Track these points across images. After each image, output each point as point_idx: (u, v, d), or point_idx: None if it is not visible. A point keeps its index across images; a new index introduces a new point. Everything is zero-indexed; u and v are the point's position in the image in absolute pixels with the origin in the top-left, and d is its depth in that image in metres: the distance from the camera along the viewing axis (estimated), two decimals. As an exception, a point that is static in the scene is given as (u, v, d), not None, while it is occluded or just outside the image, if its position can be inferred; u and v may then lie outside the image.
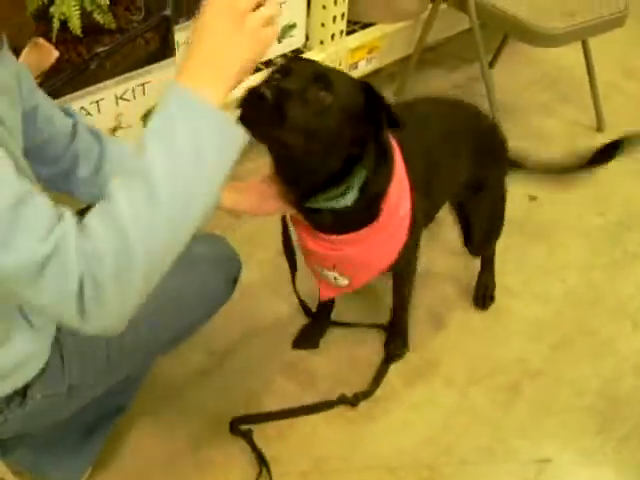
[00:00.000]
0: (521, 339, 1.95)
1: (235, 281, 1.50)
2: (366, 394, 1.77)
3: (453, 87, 2.85)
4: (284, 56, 2.33)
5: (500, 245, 2.02)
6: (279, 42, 2.31)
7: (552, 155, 2.32)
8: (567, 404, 1.81)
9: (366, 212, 1.43)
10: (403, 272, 1.73)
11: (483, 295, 2.02)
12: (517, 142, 2.46)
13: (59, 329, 1.21)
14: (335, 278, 1.57)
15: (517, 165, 1.89)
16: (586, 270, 2.15)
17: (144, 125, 1.94)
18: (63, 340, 1.22)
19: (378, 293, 1.98)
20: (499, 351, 1.92)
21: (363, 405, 1.76)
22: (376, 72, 2.64)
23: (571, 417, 1.78)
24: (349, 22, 2.45)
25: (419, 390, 1.81)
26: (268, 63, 2.28)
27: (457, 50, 2.97)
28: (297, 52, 2.38)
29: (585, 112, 2.73)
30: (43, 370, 1.19)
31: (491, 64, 2.93)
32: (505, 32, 2.79)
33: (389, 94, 2.77)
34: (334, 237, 1.45)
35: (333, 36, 2.37)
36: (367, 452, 1.68)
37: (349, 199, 1.36)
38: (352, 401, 1.75)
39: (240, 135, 0.97)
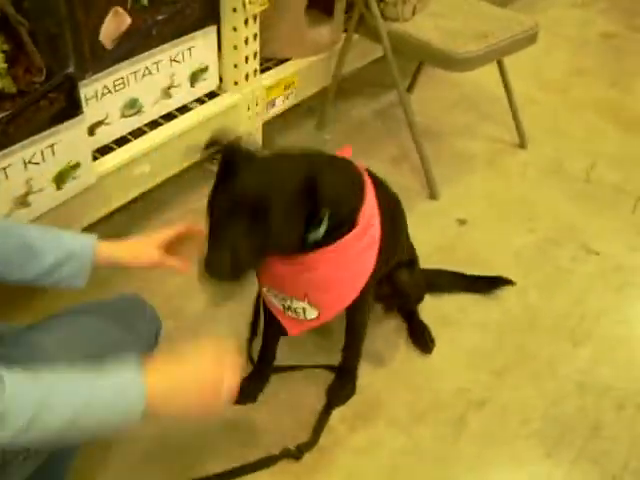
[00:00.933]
0: (462, 369, 1.93)
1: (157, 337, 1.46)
2: (309, 445, 1.72)
3: (374, 114, 2.85)
4: (198, 101, 2.29)
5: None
6: (192, 87, 2.27)
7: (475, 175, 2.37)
8: (514, 432, 1.79)
9: (339, 232, 1.45)
10: (360, 308, 1.68)
11: (424, 340, 1.99)
12: (442, 167, 2.51)
13: None
14: (304, 310, 1.55)
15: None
16: (521, 291, 2.14)
17: (57, 188, 1.89)
18: None
19: (317, 336, 1.94)
20: (441, 384, 1.89)
21: (308, 457, 1.70)
22: (295, 107, 2.61)
23: (519, 444, 1.77)
24: (263, 60, 2.43)
25: (363, 434, 1.77)
26: (182, 109, 2.24)
27: (375, 77, 2.97)
28: (211, 95, 2.33)
29: (507, 130, 2.76)
30: None
31: (409, 88, 2.95)
32: (420, 59, 2.80)
33: (310, 129, 2.75)
34: (308, 256, 1.44)
35: (247, 76, 2.32)
36: (315, 506, 1.63)
37: (320, 232, 1.40)
38: (295, 454, 1.69)
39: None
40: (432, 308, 2.04)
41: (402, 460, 1.72)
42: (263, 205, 1.29)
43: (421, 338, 1.99)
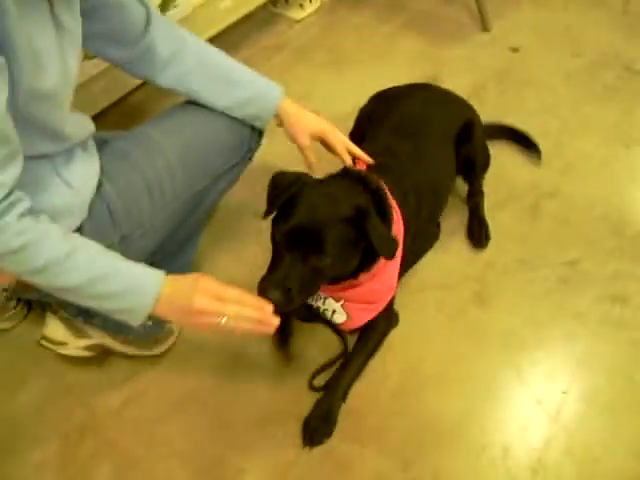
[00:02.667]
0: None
1: (250, 149, 1.66)
2: None
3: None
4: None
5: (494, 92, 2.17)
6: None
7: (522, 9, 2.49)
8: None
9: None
10: (387, 317, 1.74)
11: (480, 235, 2.00)
12: (490, 3, 2.63)
13: (100, 185, 1.40)
14: (333, 312, 1.65)
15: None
16: (575, 105, 2.37)
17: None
18: (106, 194, 1.40)
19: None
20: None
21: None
22: None
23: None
24: None
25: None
26: None
27: None
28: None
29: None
30: (93, 222, 1.38)
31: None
32: None
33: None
34: (333, 287, 1.58)
35: None
36: None
37: None
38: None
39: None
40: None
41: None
42: (318, 237, 1.40)
43: (477, 233, 2.00)
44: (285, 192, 1.46)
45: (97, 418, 1.63)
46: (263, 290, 1.39)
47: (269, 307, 1.30)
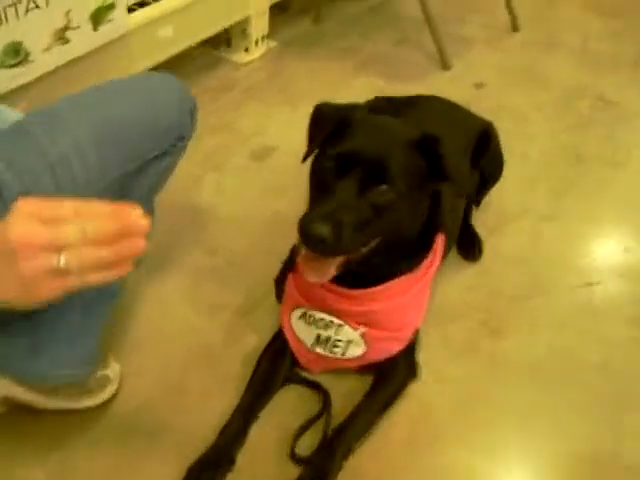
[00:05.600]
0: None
1: (192, 115, 1.34)
2: None
3: (369, 10, 2.84)
4: None
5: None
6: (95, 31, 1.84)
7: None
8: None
9: (413, 253, 1.31)
10: (407, 359, 1.41)
11: (473, 249, 1.74)
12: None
13: None
14: (348, 344, 1.32)
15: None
16: (554, 134, 2.19)
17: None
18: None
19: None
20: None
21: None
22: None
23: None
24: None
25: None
26: None
27: None
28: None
29: (496, 18, 2.80)
30: None
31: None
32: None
33: (307, 25, 2.72)
34: (358, 292, 1.28)
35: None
36: None
37: None
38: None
39: None
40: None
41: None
42: (380, 163, 1.13)
43: (470, 247, 1.74)
44: (332, 120, 1.19)
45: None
46: (306, 223, 1.07)
47: (134, 211, 0.75)
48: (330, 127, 1.18)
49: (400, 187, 1.13)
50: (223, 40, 2.49)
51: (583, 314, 1.61)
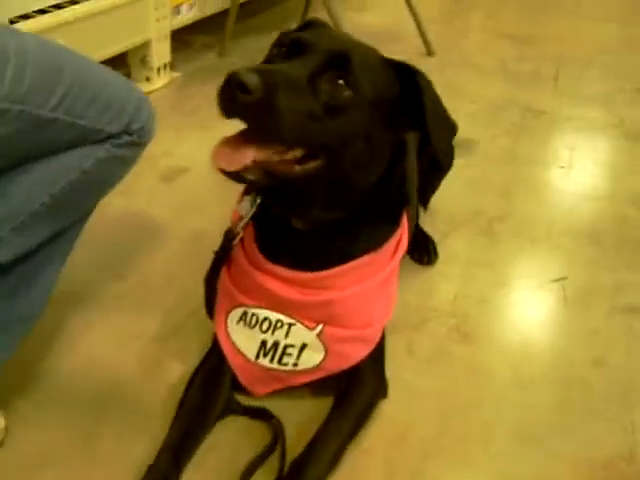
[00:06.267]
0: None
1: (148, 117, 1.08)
2: None
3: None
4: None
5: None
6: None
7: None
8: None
9: (376, 229, 1.07)
10: (376, 370, 1.14)
11: (428, 252, 1.52)
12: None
13: None
14: (301, 349, 1.05)
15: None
16: (492, 140, 2.05)
17: None
18: None
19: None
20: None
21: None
22: (192, 42, 2.39)
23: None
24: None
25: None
26: None
27: (268, 15, 2.89)
28: None
29: (410, 45, 2.71)
30: None
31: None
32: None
33: (212, 58, 2.54)
34: (312, 275, 1.02)
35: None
36: None
37: None
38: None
39: None
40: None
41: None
42: (345, 53, 0.92)
43: (424, 250, 1.51)
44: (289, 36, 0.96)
45: None
46: (232, 72, 0.82)
47: None
48: (286, 41, 0.95)
49: (364, 90, 0.91)
50: (122, 73, 2.26)
51: (559, 309, 1.40)
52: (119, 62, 2.19)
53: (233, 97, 0.82)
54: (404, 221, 1.12)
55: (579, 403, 1.18)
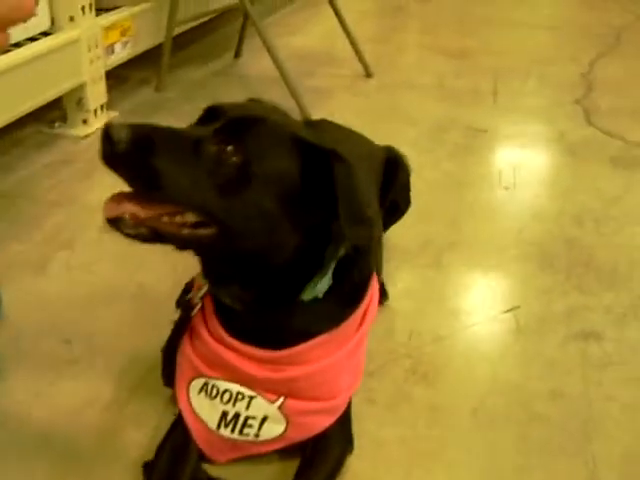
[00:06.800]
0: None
1: None
2: None
3: (213, 74, 2.66)
4: (31, 39, 1.95)
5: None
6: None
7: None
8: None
9: (334, 308, 1.03)
10: (344, 431, 1.12)
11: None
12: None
13: None
14: (262, 421, 1.02)
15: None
16: (436, 162, 2.05)
17: None
18: None
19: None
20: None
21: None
22: (129, 76, 2.35)
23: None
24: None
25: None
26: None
27: (207, 42, 2.87)
28: (45, 34, 2.01)
29: (348, 68, 2.71)
30: None
31: (236, 55, 2.83)
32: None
33: (149, 93, 2.49)
34: (272, 354, 1.01)
35: (83, 9, 2.05)
36: None
37: (319, 289, 0.99)
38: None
39: None
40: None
41: None
42: (245, 119, 0.91)
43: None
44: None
45: None
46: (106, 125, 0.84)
47: None
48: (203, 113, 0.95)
49: (254, 160, 0.88)
50: (57, 117, 2.21)
51: (513, 340, 1.41)
52: (54, 105, 2.15)
53: (104, 148, 0.84)
54: (371, 291, 1.10)
55: (540, 441, 1.18)
